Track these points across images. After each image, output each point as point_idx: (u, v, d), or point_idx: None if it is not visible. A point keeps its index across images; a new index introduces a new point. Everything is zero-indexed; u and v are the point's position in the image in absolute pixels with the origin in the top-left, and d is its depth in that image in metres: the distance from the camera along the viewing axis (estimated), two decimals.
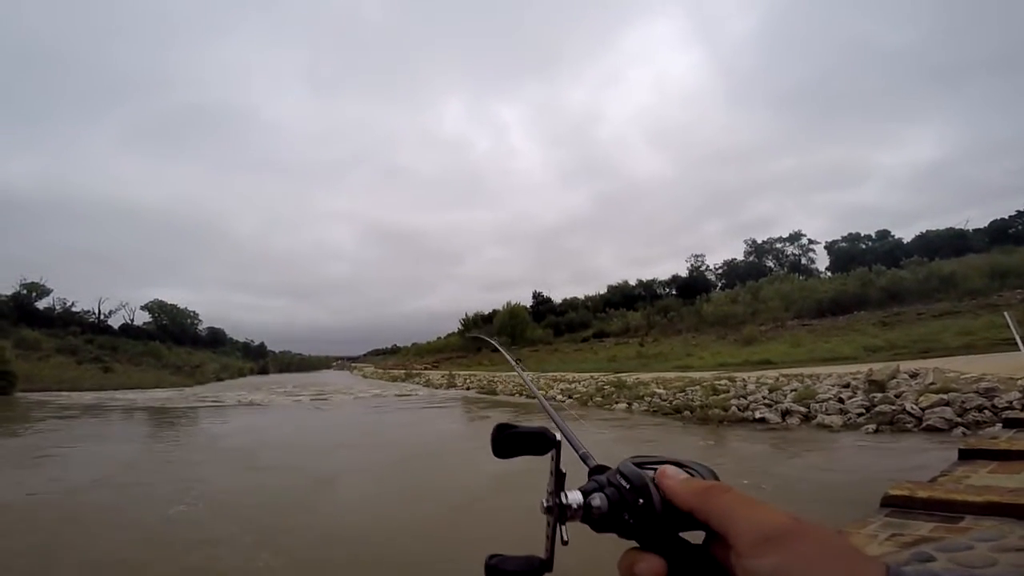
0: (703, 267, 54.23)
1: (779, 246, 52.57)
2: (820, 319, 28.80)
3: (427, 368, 51.00)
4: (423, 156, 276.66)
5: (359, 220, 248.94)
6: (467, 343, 54.18)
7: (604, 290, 57.03)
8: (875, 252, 42.01)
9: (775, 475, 6.55)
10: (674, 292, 50.99)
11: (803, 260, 50.60)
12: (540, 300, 60.94)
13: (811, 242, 51.19)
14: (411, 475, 8.01)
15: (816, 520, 0.35)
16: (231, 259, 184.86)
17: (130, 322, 70.50)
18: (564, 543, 0.43)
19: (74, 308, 62.26)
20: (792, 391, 11.51)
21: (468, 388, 26.99)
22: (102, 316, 65.31)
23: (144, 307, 75.25)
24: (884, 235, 46.72)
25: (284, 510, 6.10)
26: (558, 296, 61.73)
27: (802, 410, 10.27)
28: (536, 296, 62.04)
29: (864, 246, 46.17)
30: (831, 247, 49.14)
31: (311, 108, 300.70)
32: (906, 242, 43.24)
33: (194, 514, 5.90)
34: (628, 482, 0.42)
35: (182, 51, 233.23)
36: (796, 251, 51.59)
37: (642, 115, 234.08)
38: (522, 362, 0.92)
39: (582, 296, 58.77)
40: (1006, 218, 39.62)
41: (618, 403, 14.74)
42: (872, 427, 8.74)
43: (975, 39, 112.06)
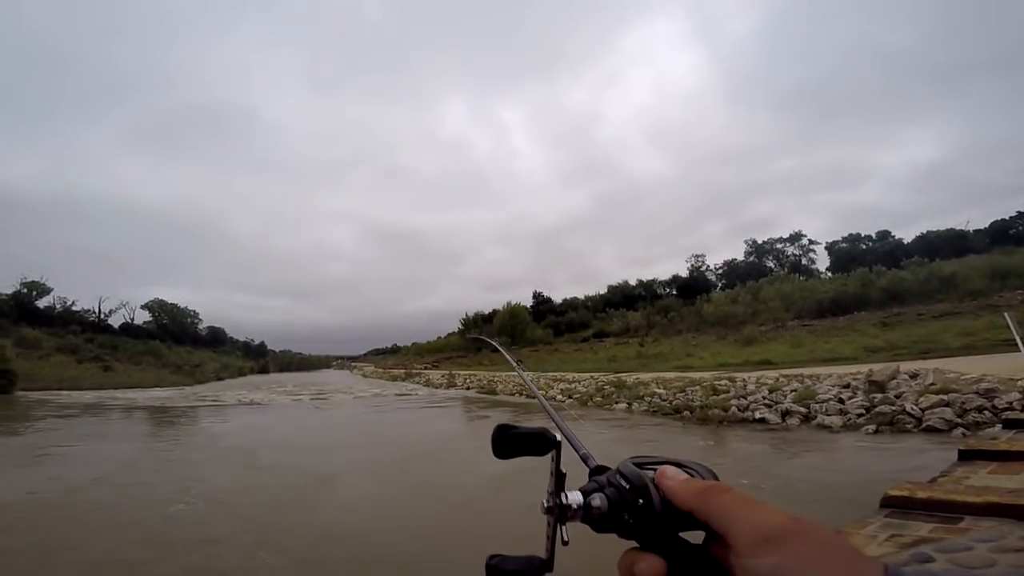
0: (703, 267, 54.32)
1: (779, 246, 52.59)
2: (820, 319, 28.81)
3: (427, 368, 51.01)
4: (423, 156, 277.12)
5: (359, 220, 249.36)
6: (467, 343, 54.19)
7: (604, 290, 57.13)
8: (875, 253, 42.00)
9: (775, 475, 6.55)
10: (674, 292, 50.98)
11: (803, 260, 50.65)
12: (540, 300, 60.95)
13: (811, 242, 51.31)
14: (411, 475, 8.01)
15: (816, 520, 0.35)
16: (231, 259, 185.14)
17: (130, 321, 70.63)
18: (564, 543, 0.43)
19: (74, 307, 62.37)
20: (792, 391, 11.51)
21: (468, 388, 26.99)
22: (102, 315, 65.42)
23: (144, 306, 75.38)
24: (884, 236, 46.73)
25: (284, 509, 6.10)
26: (558, 296, 61.89)
27: (802, 410, 10.27)
28: (536, 296, 62.12)
29: (864, 246, 46.17)
30: (831, 247, 49.16)
31: (311, 108, 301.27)
32: (906, 243, 43.32)
33: (194, 513, 5.91)
34: (628, 482, 0.42)
35: (183, 51, 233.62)
36: (796, 251, 51.63)
37: (642, 115, 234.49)
38: (523, 363, 0.92)
39: (582, 296, 58.91)
40: (1006, 219, 39.64)
41: (618, 403, 14.75)
42: (872, 428, 8.74)
43: (975, 39, 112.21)
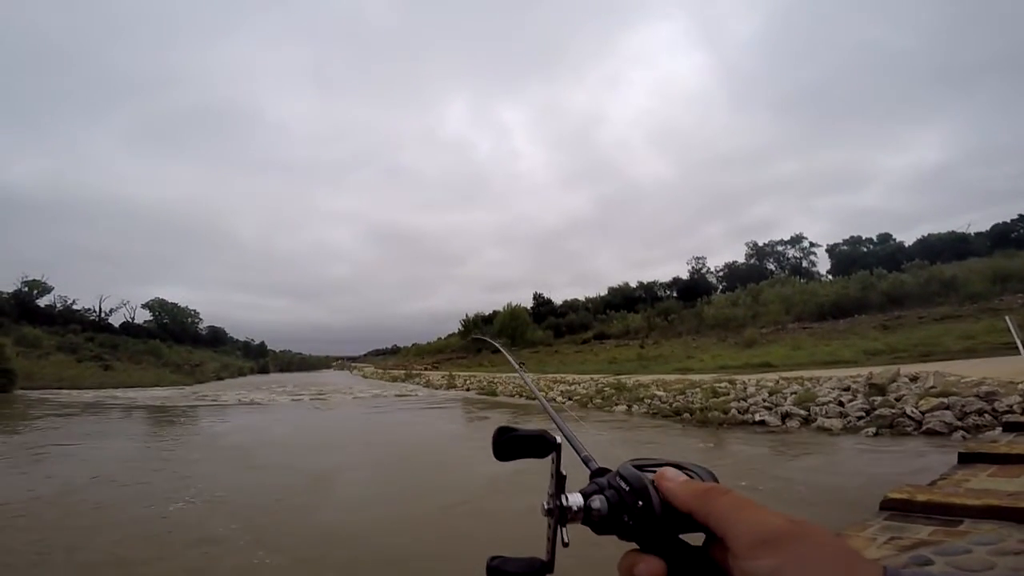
0: (704, 269, 54.31)
1: (780, 249, 52.55)
2: (821, 322, 28.80)
3: (427, 369, 51.02)
4: (425, 157, 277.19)
5: (361, 220, 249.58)
6: (467, 344, 54.21)
7: (605, 292, 57.15)
8: (876, 255, 41.97)
9: (775, 477, 6.54)
10: (675, 294, 50.98)
11: (804, 263, 50.55)
12: (540, 301, 60.94)
13: (812, 245, 51.20)
14: (410, 475, 8.01)
15: (815, 522, 0.35)
16: (232, 258, 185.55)
17: (131, 320, 70.78)
18: (565, 545, 0.43)
19: (75, 306, 62.52)
20: (792, 394, 11.49)
21: (468, 389, 26.98)
22: (103, 314, 65.57)
23: (145, 305, 75.53)
24: (885, 238, 46.72)
25: (283, 509, 6.11)
26: (559, 298, 61.94)
27: (802, 413, 10.25)
28: (537, 297, 62.12)
29: (865, 249, 46.14)
30: (832, 250, 49.12)
31: (313, 108, 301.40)
32: (907, 245, 43.30)
33: (193, 512, 5.91)
34: (628, 484, 0.42)
35: (186, 50, 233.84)
36: (797, 254, 51.56)
37: (644, 117, 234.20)
38: (524, 364, 0.92)
39: (583, 298, 58.91)
40: (1008, 222, 39.58)
41: (618, 405, 14.73)
42: (872, 430, 8.73)
43: (979, 41, 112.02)
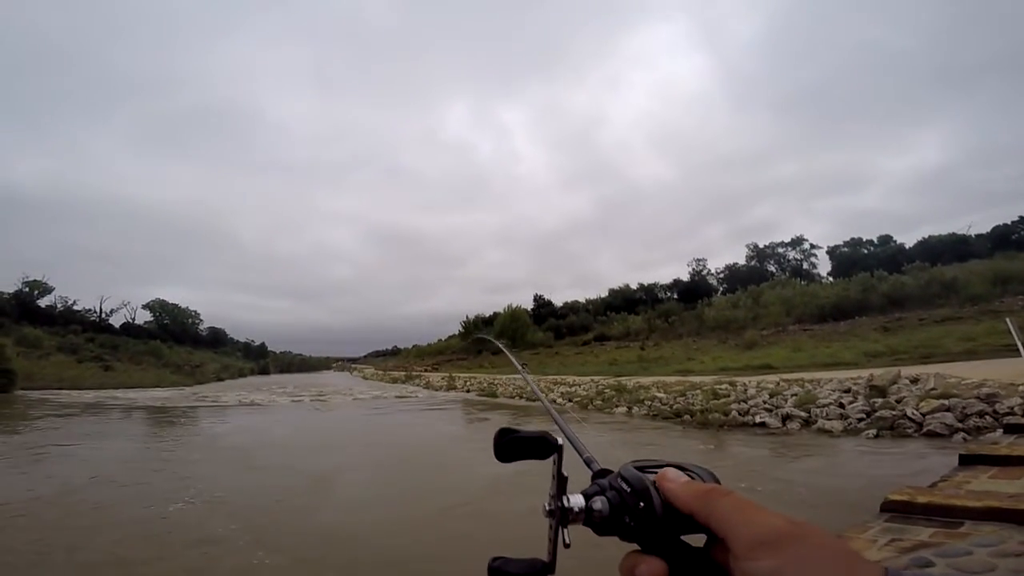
0: (704, 271, 54.22)
1: (781, 251, 52.49)
2: (821, 324, 28.76)
3: (427, 370, 50.99)
4: (426, 158, 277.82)
5: (361, 222, 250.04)
6: (468, 346, 54.18)
7: (605, 294, 57.03)
8: (877, 257, 41.92)
9: (775, 479, 6.53)
10: (675, 296, 50.90)
11: (805, 265, 50.46)
12: (541, 303, 60.91)
13: (813, 247, 51.12)
14: (410, 476, 8.01)
15: (815, 524, 0.35)
16: (233, 259, 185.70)
17: (131, 321, 70.88)
18: (566, 546, 0.43)
19: (76, 306, 62.60)
20: (793, 396, 11.48)
21: (468, 391, 26.97)
22: (103, 315, 65.65)
23: (145, 306, 75.64)
24: (886, 240, 46.65)
25: (283, 509, 6.10)
26: (559, 299, 61.91)
27: (803, 415, 10.24)
28: (537, 299, 62.07)
29: (866, 251, 46.10)
30: (833, 252, 49.07)
31: (314, 109, 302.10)
32: (908, 247, 43.19)
33: (192, 513, 5.90)
34: (629, 485, 0.42)
35: (187, 51, 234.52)
36: (798, 256, 51.49)
37: (644, 119, 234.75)
38: (526, 365, 0.92)
39: (583, 299, 58.77)
40: (1009, 223, 39.51)
41: (618, 407, 14.72)
42: (873, 432, 8.71)
43: (979, 42, 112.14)
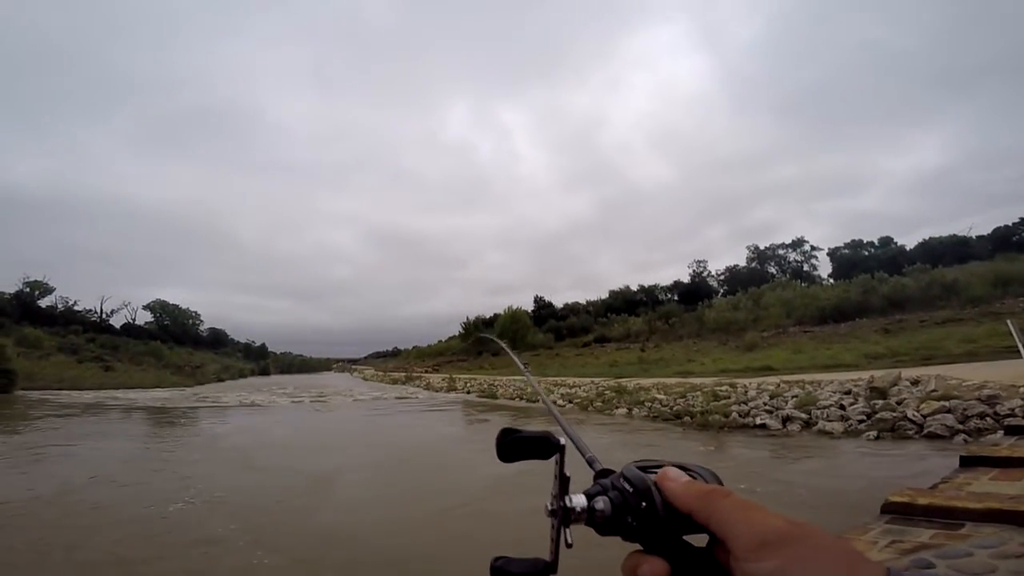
0: (705, 273, 54.19)
1: (781, 252, 52.46)
2: (822, 326, 28.73)
3: (427, 371, 50.98)
4: (427, 159, 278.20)
5: (362, 223, 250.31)
6: (468, 347, 54.16)
7: (606, 295, 56.96)
8: (878, 259, 41.91)
9: (775, 481, 6.52)
10: (676, 298, 50.87)
11: (805, 267, 50.45)
12: (541, 305, 60.88)
13: (814, 249, 51.11)
14: (410, 477, 8.00)
15: (816, 525, 0.35)
16: (234, 260, 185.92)
17: (132, 321, 70.99)
18: (568, 546, 0.43)
19: (76, 307, 62.68)
20: (793, 397, 11.47)
21: (468, 392, 26.97)
22: (104, 315, 65.73)
23: (146, 307, 75.75)
24: (887, 242, 46.65)
25: (282, 510, 6.10)
26: (559, 301, 61.80)
27: (803, 416, 10.23)
28: (537, 300, 62.04)
29: (867, 253, 46.11)
30: (833, 254, 49.09)
31: (315, 110, 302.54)
32: (909, 249, 43.18)
33: (192, 512, 5.90)
34: (631, 485, 0.42)
35: (188, 51, 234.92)
36: (798, 258, 51.47)
37: (645, 120, 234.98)
38: (528, 365, 0.92)
39: (584, 301, 58.72)
40: (1010, 225, 39.52)
41: (618, 408, 14.70)
42: (873, 434, 8.70)
43: (980, 43, 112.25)
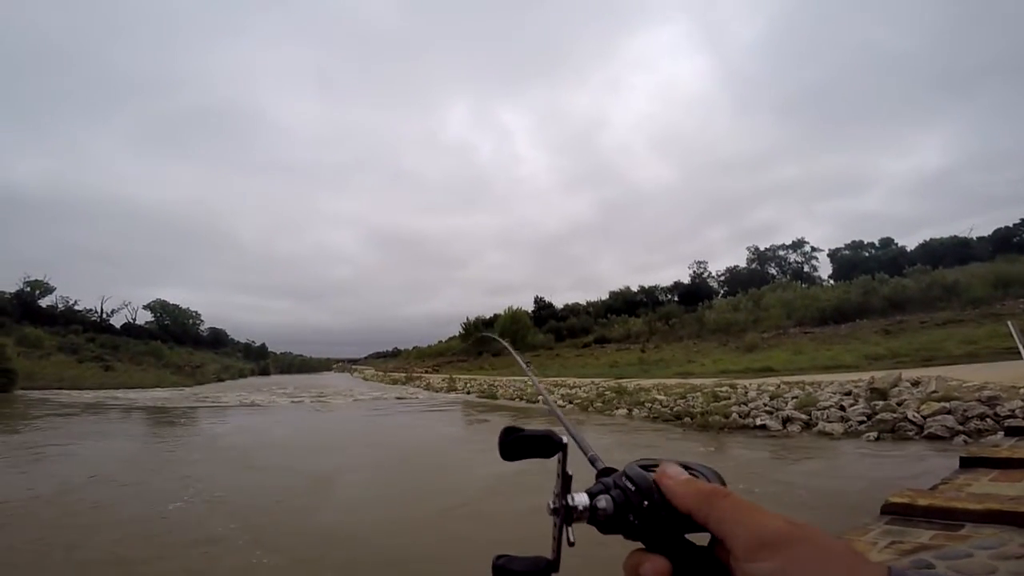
0: (705, 274, 54.18)
1: (782, 253, 52.42)
2: (822, 327, 28.70)
3: (428, 372, 50.98)
4: (427, 160, 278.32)
5: (363, 223, 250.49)
6: (468, 347, 54.12)
7: (606, 296, 56.95)
8: (878, 260, 41.91)
9: (776, 481, 6.52)
10: (676, 299, 50.82)
11: (806, 268, 50.41)
12: (542, 305, 60.84)
13: (814, 250, 51.06)
14: (409, 477, 8.00)
15: (816, 525, 0.35)
16: (234, 260, 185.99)
17: (132, 321, 70.98)
18: (571, 544, 0.43)
19: (77, 306, 62.70)
20: (793, 398, 11.47)
21: (468, 392, 26.97)
22: (104, 315, 65.73)
23: (146, 306, 75.75)
24: (887, 243, 46.63)
25: (282, 509, 6.10)
26: (560, 301, 61.72)
27: (803, 417, 10.23)
28: (538, 301, 61.97)
29: (867, 254, 46.08)
30: (834, 255, 49.05)
31: (316, 110, 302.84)
32: (909, 250, 43.16)
33: (192, 512, 5.90)
34: (634, 484, 0.42)
35: (189, 51, 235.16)
36: (799, 259, 51.43)
37: (646, 121, 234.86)
38: (531, 364, 0.91)
39: (584, 302, 58.69)
40: (1010, 226, 39.47)
41: (618, 409, 14.70)
42: (873, 435, 8.70)
43: (981, 44, 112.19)
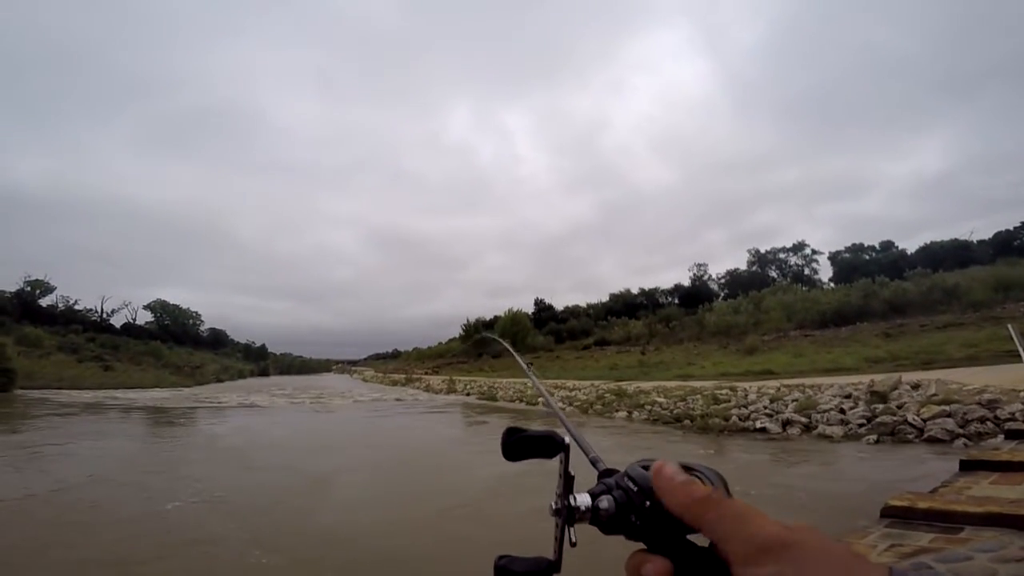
0: (705, 276, 54.15)
1: (782, 256, 52.38)
2: (822, 330, 28.67)
3: (427, 373, 50.94)
4: (428, 161, 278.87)
5: (363, 224, 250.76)
6: (468, 349, 54.13)
7: (606, 298, 56.91)
8: (878, 263, 41.87)
9: (775, 484, 6.51)
10: (676, 301, 50.78)
11: (806, 270, 50.38)
12: (542, 307, 60.78)
13: (814, 252, 51.01)
14: (409, 478, 8.00)
15: (815, 528, 0.35)
16: (235, 260, 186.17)
17: (132, 321, 70.94)
18: (572, 544, 0.43)
19: (77, 306, 62.68)
20: (793, 401, 11.46)
21: (468, 394, 26.95)
22: (104, 315, 65.70)
23: (146, 307, 75.72)
24: (888, 246, 46.60)
25: (281, 510, 6.09)
26: (560, 303, 61.66)
27: (803, 420, 10.22)
28: (538, 303, 61.90)
29: (868, 257, 46.03)
30: (834, 258, 49.00)
31: (316, 111, 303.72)
32: (910, 253, 43.11)
33: (190, 512, 5.90)
34: (635, 485, 0.42)
35: (189, 52, 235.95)
36: (799, 261, 51.40)
37: (647, 124, 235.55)
38: (532, 364, 0.91)
39: (584, 304, 58.68)
40: (1011, 230, 39.42)
41: (618, 411, 14.69)
42: (873, 438, 8.70)
43: (983, 47, 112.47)
